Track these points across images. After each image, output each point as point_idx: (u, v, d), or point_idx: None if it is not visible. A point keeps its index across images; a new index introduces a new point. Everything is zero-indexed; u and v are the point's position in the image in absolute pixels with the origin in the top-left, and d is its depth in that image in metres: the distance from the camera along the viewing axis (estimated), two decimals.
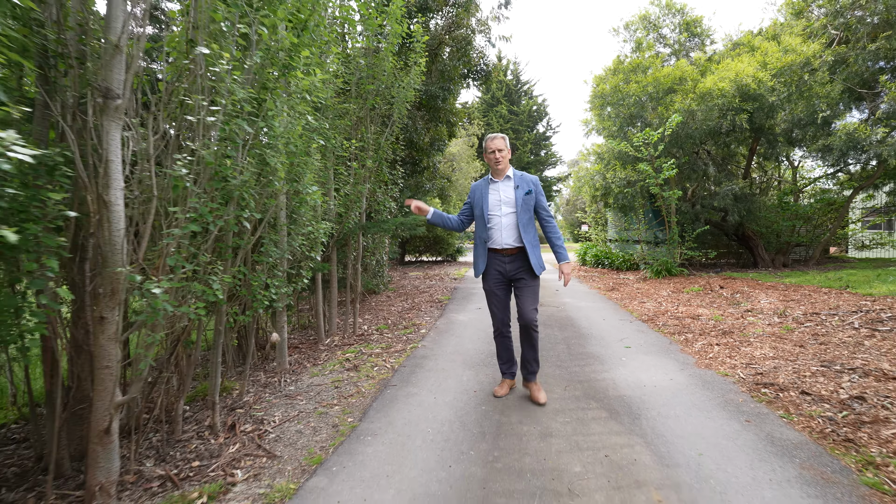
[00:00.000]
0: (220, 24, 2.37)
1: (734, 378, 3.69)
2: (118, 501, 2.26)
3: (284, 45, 2.50)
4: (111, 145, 2.05)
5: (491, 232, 3.32)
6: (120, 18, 2.07)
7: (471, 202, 3.47)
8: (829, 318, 5.39)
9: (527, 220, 3.29)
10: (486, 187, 3.38)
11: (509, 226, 3.29)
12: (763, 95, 9.55)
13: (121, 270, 2.05)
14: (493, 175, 3.40)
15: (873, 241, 15.07)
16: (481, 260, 3.39)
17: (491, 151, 3.31)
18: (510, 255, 3.31)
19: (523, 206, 3.27)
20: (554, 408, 3.21)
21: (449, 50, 8.06)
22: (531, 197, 3.31)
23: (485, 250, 3.36)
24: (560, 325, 5.93)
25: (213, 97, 2.34)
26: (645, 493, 2.13)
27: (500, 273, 3.33)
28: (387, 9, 5.03)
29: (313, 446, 2.77)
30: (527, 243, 3.26)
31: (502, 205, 3.30)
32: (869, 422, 2.73)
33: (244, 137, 2.43)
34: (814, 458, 2.42)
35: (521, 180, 3.34)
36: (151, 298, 1.97)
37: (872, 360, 3.78)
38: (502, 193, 3.32)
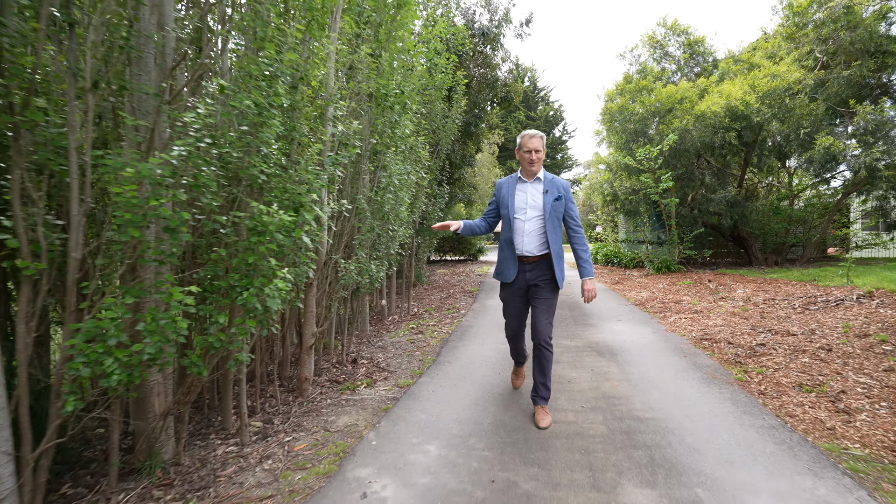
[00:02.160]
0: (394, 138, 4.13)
1: (688, 337, 5.34)
2: (313, 388, 4.03)
3: (405, 133, 4.22)
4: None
5: (514, 236, 3.12)
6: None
7: (496, 200, 3.27)
8: (780, 302, 6.96)
9: (553, 227, 3.07)
10: (514, 186, 3.16)
11: (533, 232, 3.08)
12: (749, 116, 11.05)
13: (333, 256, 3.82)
14: (523, 174, 3.16)
15: (865, 241, 16.32)
16: (510, 264, 3.18)
17: (527, 150, 3.05)
18: (531, 263, 3.13)
19: (552, 212, 3.05)
20: (563, 349, 4.91)
21: (478, 84, 9.79)
22: (560, 203, 3.08)
23: (513, 253, 3.14)
24: (570, 308, 7.61)
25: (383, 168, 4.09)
26: (610, 382, 3.83)
27: (519, 280, 3.17)
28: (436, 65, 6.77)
29: (413, 368, 4.53)
30: (553, 252, 3.07)
31: (528, 208, 3.09)
32: (757, 355, 4.38)
33: (393, 186, 4.18)
34: (715, 370, 4.08)
35: (552, 185, 3.10)
36: (346, 271, 3.73)
37: (787, 326, 5.39)
38: (530, 196, 3.10)
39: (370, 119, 3.78)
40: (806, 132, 11.37)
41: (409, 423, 3.18)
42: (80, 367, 1.84)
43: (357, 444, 2.89)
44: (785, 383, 3.66)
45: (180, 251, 2.09)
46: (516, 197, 3.15)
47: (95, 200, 2.26)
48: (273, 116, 2.06)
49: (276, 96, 2.06)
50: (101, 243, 2.11)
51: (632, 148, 12.90)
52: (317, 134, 2.95)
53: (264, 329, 2.53)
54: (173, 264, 2.18)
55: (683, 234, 12.73)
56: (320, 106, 3.02)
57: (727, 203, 12.31)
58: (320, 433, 3.11)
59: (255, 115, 2.00)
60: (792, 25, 13.23)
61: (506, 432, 2.94)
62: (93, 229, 2.34)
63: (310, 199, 2.37)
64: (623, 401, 3.43)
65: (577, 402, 3.44)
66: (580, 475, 2.39)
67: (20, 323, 1.99)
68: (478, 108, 9.79)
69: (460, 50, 7.71)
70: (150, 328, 1.95)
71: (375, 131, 3.80)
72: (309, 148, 2.70)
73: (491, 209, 3.33)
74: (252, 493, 2.39)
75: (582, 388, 3.73)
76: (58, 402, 2.08)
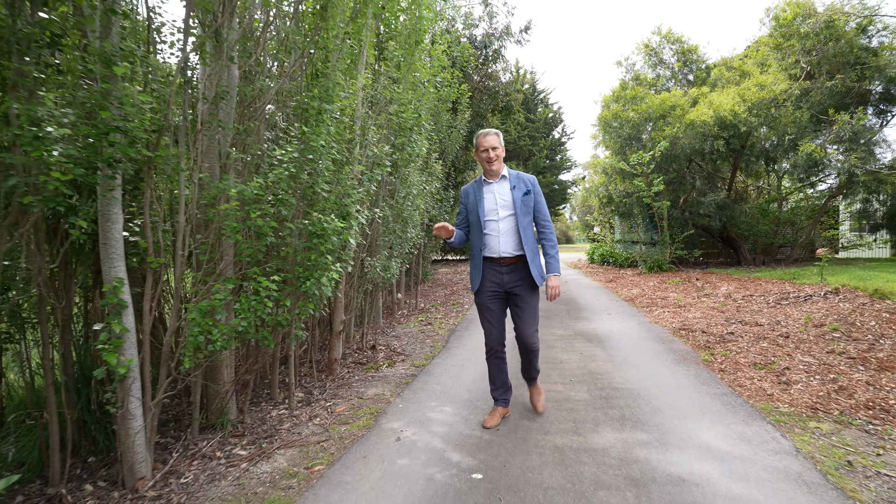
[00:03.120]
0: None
1: (668, 327, 6.02)
2: (341, 368, 4.70)
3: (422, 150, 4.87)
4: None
5: (488, 239, 3.03)
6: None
7: (465, 207, 3.15)
8: (756, 298, 7.64)
9: (527, 223, 3.00)
10: (480, 190, 3.06)
11: (508, 231, 2.98)
12: (737, 125, 11.72)
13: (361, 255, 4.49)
14: (487, 176, 3.08)
15: (850, 242, 17.01)
16: (478, 271, 3.08)
17: (483, 150, 2.96)
18: (509, 265, 3.01)
19: (522, 207, 2.97)
20: (556, 337, 5.58)
21: (480, 94, 10.46)
22: (530, 198, 3.01)
23: (480, 259, 3.06)
24: (565, 303, 8.29)
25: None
26: (595, 363, 4.50)
27: (497, 284, 3.03)
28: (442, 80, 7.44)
29: (426, 352, 5.20)
30: (527, 250, 2.96)
31: (499, 208, 2.99)
32: (725, 342, 5.06)
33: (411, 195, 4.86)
34: (686, 353, 4.76)
35: (518, 180, 3.04)
36: (371, 268, 4.41)
37: (757, 318, 6.07)
38: (498, 196, 3.01)
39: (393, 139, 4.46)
40: (791, 139, 12.04)
41: (427, 392, 3.85)
42: (196, 335, 2.51)
43: (386, 406, 3.57)
44: (742, 363, 4.34)
45: (265, 250, 2.76)
46: (485, 199, 3.05)
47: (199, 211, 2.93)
48: (332, 148, 2.72)
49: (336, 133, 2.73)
50: (201, 243, 2.79)
51: (626, 153, 13.57)
52: (353, 155, 3.62)
53: (318, 311, 3.21)
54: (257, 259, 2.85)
55: (675, 235, 13.41)
56: (355, 132, 3.69)
57: (716, 206, 12.99)
58: (355, 400, 3.79)
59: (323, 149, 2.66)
60: (779, 37, 13.90)
61: None
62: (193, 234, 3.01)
63: (355, 209, 3.04)
64: (605, 376, 4.10)
65: (567, 377, 4.11)
66: (566, 425, 3.07)
67: (146, 303, 2.66)
68: (480, 116, 10.47)
69: (465, 66, 8.38)
70: (244, 307, 2.63)
71: (396, 149, 4.46)
72: (350, 167, 3.37)
73: (461, 218, 3.19)
74: (309, 439, 3.07)
75: (571, 367, 4.40)
76: (171, 362, 2.76)
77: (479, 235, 3.05)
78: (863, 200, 14.88)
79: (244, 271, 2.84)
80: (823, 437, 2.80)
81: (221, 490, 2.48)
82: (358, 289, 4.70)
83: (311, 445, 2.98)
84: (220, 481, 2.58)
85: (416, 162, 4.88)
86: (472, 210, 3.10)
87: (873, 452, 2.60)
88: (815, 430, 2.91)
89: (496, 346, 3.15)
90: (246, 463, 2.78)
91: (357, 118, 3.89)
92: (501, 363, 3.20)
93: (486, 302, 3.08)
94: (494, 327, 3.11)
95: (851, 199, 15.00)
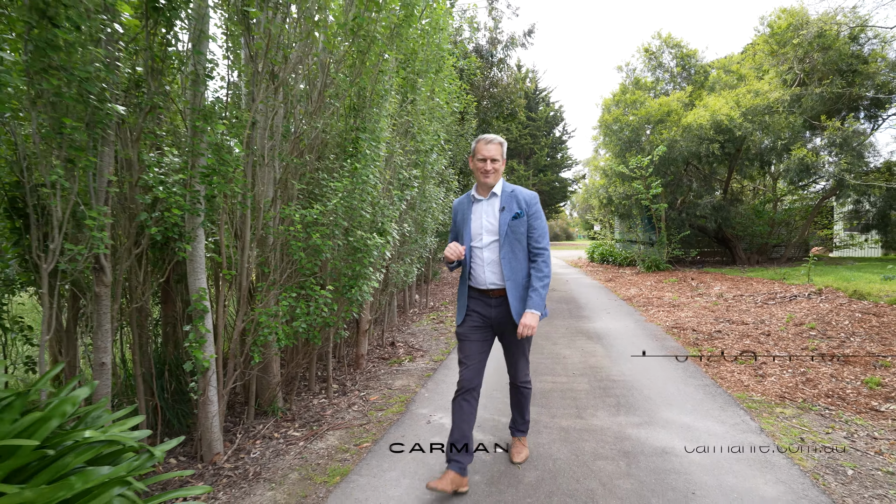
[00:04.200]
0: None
1: (662, 326, 6.56)
2: (367, 363, 5.25)
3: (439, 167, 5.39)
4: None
5: (473, 267, 2.64)
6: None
7: (455, 224, 2.80)
8: (746, 298, 8.18)
9: (512, 253, 2.57)
10: (469, 208, 2.69)
11: (493, 261, 2.59)
12: (732, 130, 12.23)
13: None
14: (478, 190, 2.68)
15: (843, 242, 17.54)
16: (463, 300, 2.72)
17: (482, 158, 2.55)
18: (498, 298, 2.61)
19: (508, 234, 2.55)
20: (560, 334, 6.12)
21: (486, 103, 10.98)
22: (520, 222, 2.56)
23: (465, 289, 2.71)
24: (566, 301, 8.84)
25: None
26: (595, 358, 5.05)
27: (483, 317, 2.65)
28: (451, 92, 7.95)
29: (441, 348, 5.75)
30: (508, 284, 2.54)
31: (484, 233, 2.60)
32: (712, 339, 5.60)
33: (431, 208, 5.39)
34: (677, 349, 5.30)
35: (510, 199, 2.60)
36: (396, 274, 4.94)
37: (743, 318, 6.61)
38: (485, 217, 2.62)
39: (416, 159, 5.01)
40: (784, 143, 12.54)
41: (448, 383, 4.40)
42: (266, 335, 3.05)
43: (414, 396, 4.11)
44: (726, 358, 4.88)
45: (320, 264, 3.30)
46: (472, 221, 2.65)
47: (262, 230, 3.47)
48: (374, 176, 3.26)
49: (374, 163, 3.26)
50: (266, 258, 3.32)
51: (625, 156, 14.08)
52: (384, 177, 4.16)
53: (358, 313, 3.75)
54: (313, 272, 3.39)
55: (672, 235, 13.94)
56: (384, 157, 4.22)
57: (712, 207, 13.51)
58: (384, 390, 4.34)
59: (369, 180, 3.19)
60: (774, 44, 14.38)
61: None
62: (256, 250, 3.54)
63: (390, 227, 3.57)
64: (603, 370, 4.65)
65: (569, 371, 4.66)
66: (569, 410, 3.61)
67: (219, 307, 3.20)
68: (486, 123, 10.98)
69: (472, 79, 8.89)
70: (303, 312, 3.16)
71: (418, 167, 4.99)
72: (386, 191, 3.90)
73: (453, 237, 2.82)
74: (352, 423, 3.61)
75: (573, 362, 4.95)
76: (239, 357, 3.30)
77: (466, 263, 2.67)
78: (854, 202, 15.42)
79: (301, 281, 3.37)
80: (785, 420, 3.34)
81: (287, 462, 3.03)
82: (383, 292, 5.24)
83: (354, 427, 3.52)
84: (285, 456, 3.13)
85: (436, 178, 5.40)
86: (459, 230, 2.74)
87: (823, 431, 3.15)
88: (780, 415, 3.45)
89: (467, 385, 2.57)
90: (303, 441, 3.33)
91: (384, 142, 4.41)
92: (467, 406, 2.56)
93: (468, 332, 2.65)
94: (471, 365, 2.60)
95: (843, 201, 15.54)
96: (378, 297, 5.27)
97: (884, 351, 4.67)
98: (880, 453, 2.83)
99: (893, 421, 3.28)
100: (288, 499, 2.57)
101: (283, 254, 3.33)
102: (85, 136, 2.05)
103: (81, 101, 1.95)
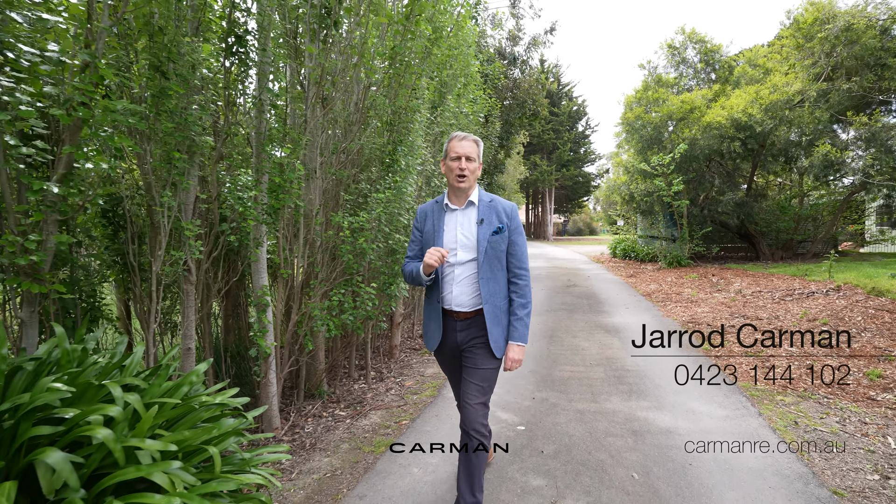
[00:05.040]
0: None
1: (678, 321, 6.86)
2: (400, 352, 5.72)
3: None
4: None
5: (442, 285, 2.33)
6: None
7: (420, 234, 2.43)
8: (764, 294, 8.37)
9: (491, 273, 2.28)
10: (441, 217, 2.34)
11: (467, 279, 2.28)
12: (752, 126, 12.27)
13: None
14: (451, 197, 2.35)
15: (873, 237, 17.28)
16: (435, 325, 2.37)
17: (455, 157, 2.23)
18: (464, 320, 2.32)
19: (488, 251, 2.26)
20: (579, 328, 6.49)
21: (508, 103, 11.33)
22: (501, 238, 2.28)
23: (438, 311, 2.34)
24: (587, 297, 9.17)
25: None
26: (611, 350, 5.41)
27: (452, 344, 2.36)
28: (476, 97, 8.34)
29: None
30: (487, 308, 2.25)
31: (459, 248, 2.28)
32: (726, 333, 5.89)
33: None
34: (694, 341, 5.61)
35: (489, 211, 2.30)
36: None
37: (759, 313, 6.85)
38: (461, 230, 2.30)
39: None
40: (808, 139, 12.51)
41: None
42: (319, 326, 3.54)
43: (445, 382, 4.56)
44: (736, 351, 5.19)
45: (365, 264, 3.77)
46: (445, 232, 2.30)
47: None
48: (411, 186, 3.71)
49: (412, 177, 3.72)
50: (314, 259, 3.81)
51: (647, 154, 14.22)
52: (419, 183, 4.60)
53: (394, 308, 4.21)
54: (359, 271, 3.87)
55: (694, 231, 14.04)
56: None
57: (734, 204, 13.56)
58: (418, 377, 4.80)
59: (408, 190, 3.65)
60: (800, 37, 14.26)
61: (539, 376, 4.57)
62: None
63: None
64: (618, 361, 5.01)
65: (587, 361, 5.03)
66: (585, 395, 4.01)
67: (279, 302, 3.70)
68: (510, 124, 11.34)
69: (496, 83, 9.25)
70: (351, 306, 3.64)
71: None
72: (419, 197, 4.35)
73: (416, 247, 2.44)
74: (392, 404, 4.09)
75: (591, 353, 5.32)
76: (294, 345, 3.80)
77: (437, 281, 2.33)
78: (885, 197, 15.21)
79: (347, 279, 3.85)
80: (784, 406, 3.67)
81: (338, 436, 3.51)
82: (414, 287, 5.70)
83: (393, 408, 3.99)
84: (335, 431, 3.62)
85: None
86: (427, 241, 2.36)
87: (818, 416, 3.47)
88: (780, 402, 3.78)
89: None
90: (349, 419, 3.81)
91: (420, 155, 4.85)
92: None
93: (447, 360, 2.46)
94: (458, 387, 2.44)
95: (874, 195, 15.32)
96: (410, 293, 5.73)
97: (891, 346, 4.91)
98: (866, 435, 3.15)
99: (886, 409, 3.57)
100: (343, 464, 3.05)
101: (331, 256, 3.81)
102: (187, 165, 2.54)
103: (186, 137, 2.44)
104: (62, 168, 2.11)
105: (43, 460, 1.43)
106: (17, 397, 1.57)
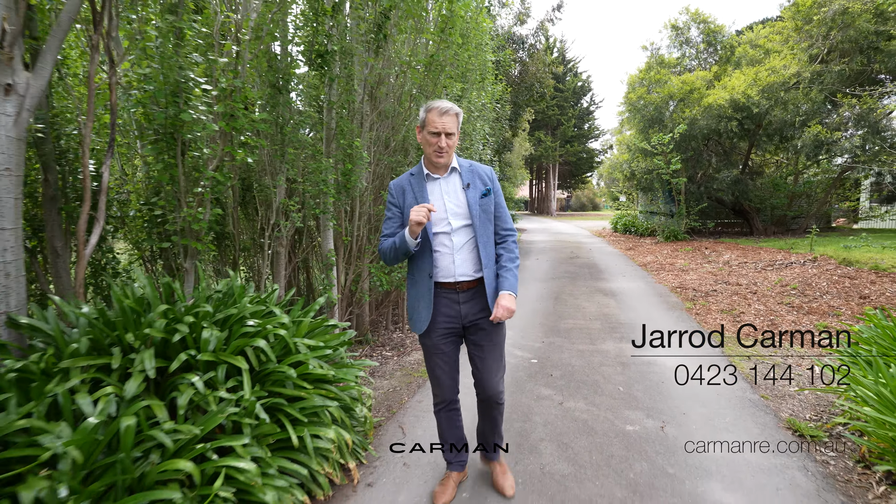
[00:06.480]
0: None
1: (668, 286, 7.79)
2: None
3: (485, 156, 6.62)
4: None
5: (438, 258, 2.23)
6: None
7: (399, 211, 2.29)
8: (749, 265, 9.27)
9: (488, 236, 2.27)
10: (422, 187, 2.24)
11: (465, 246, 2.23)
12: (749, 107, 12.95)
13: None
14: (430, 167, 2.25)
15: (865, 214, 18.07)
16: (424, 304, 2.26)
17: (434, 132, 2.13)
18: (466, 292, 2.26)
19: (482, 214, 2.24)
20: (581, 292, 7.42)
21: (517, 87, 12.03)
22: (489, 200, 2.26)
23: (430, 287, 2.23)
24: (588, 267, 10.10)
25: None
26: (608, 308, 6.35)
27: (451, 318, 2.27)
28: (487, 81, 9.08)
29: None
30: (487, 273, 2.23)
31: (450, 216, 2.21)
32: (707, 296, 6.81)
33: None
34: (676, 304, 6.55)
35: (472, 174, 2.27)
36: None
37: (739, 280, 7.77)
38: (448, 198, 2.23)
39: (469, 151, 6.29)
40: (801, 119, 13.20)
41: None
42: (375, 282, 4.46)
43: None
44: (713, 309, 6.12)
45: None
46: (431, 202, 2.21)
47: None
48: None
49: None
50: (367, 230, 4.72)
51: (648, 133, 14.93)
52: None
53: None
54: None
55: (690, 207, 14.86)
56: None
57: (730, 181, 14.34)
58: None
59: None
60: (799, 20, 14.76)
61: (546, 327, 5.52)
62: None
63: None
64: (613, 316, 5.96)
65: (587, 316, 5.98)
66: (585, 340, 4.96)
67: (340, 262, 4.62)
68: (518, 107, 12.07)
69: (507, 70, 9.97)
70: (397, 267, 4.56)
71: (467, 155, 6.26)
72: None
73: (395, 224, 2.31)
74: None
75: (591, 311, 6.27)
76: (351, 298, 4.74)
77: (426, 253, 2.24)
78: (876, 174, 15.92)
79: None
80: (745, 349, 4.62)
81: (390, 368, 4.48)
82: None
83: None
84: (386, 365, 4.58)
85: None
86: (409, 215, 2.17)
87: (768, 355, 4.42)
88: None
89: (450, 396, 2.43)
90: (396, 357, 4.78)
91: None
92: (455, 416, 2.49)
93: (439, 343, 2.29)
94: (448, 374, 2.37)
95: (866, 173, 16.05)
96: None
97: (842, 305, 5.83)
98: (804, 367, 4.10)
99: (822, 349, 4.52)
100: (399, 384, 4.02)
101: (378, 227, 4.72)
102: (294, 158, 3.43)
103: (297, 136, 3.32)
104: (216, 161, 3.00)
105: (253, 344, 2.37)
106: (226, 310, 2.50)
